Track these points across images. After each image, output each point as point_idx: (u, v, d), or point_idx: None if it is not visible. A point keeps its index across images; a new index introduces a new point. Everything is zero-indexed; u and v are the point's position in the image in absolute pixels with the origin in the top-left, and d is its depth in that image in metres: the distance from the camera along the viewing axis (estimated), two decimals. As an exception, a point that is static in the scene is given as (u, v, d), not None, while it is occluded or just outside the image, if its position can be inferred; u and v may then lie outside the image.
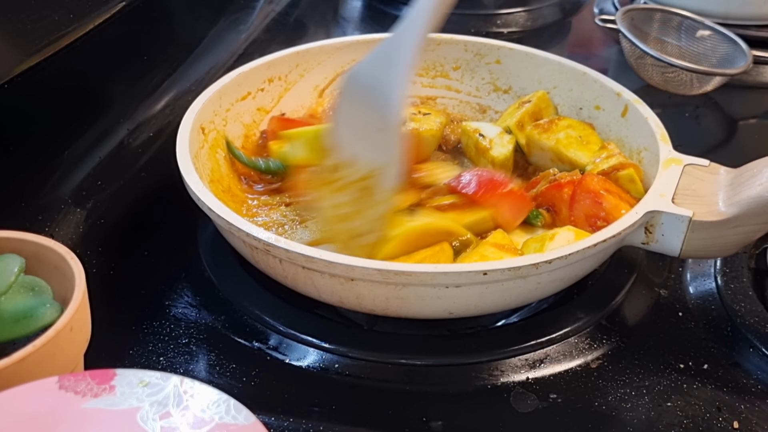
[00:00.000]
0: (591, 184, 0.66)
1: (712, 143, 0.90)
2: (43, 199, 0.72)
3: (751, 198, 0.58)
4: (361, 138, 0.64)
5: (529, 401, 0.56)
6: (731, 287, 0.66)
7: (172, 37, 0.98)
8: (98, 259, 0.67)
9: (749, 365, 0.59)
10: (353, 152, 0.64)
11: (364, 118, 0.64)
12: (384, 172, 0.62)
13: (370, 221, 0.63)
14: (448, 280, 0.55)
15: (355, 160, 0.64)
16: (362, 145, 0.64)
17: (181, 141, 0.67)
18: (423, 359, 0.59)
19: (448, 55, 0.86)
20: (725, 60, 0.95)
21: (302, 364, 0.59)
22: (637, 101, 0.74)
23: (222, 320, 0.62)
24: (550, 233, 0.64)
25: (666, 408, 0.56)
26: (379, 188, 0.63)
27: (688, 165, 0.65)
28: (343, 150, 0.65)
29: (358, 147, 0.64)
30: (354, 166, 0.64)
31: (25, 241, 0.50)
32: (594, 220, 0.65)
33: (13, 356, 0.42)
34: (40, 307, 0.46)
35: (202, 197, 0.61)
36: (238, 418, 0.39)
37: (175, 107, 0.89)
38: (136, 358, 0.58)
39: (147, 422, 0.38)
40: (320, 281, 0.58)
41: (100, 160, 0.79)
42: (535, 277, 0.57)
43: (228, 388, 0.56)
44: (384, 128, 0.62)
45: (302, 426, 0.54)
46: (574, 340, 0.61)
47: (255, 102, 0.80)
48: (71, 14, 0.76)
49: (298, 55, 0.83)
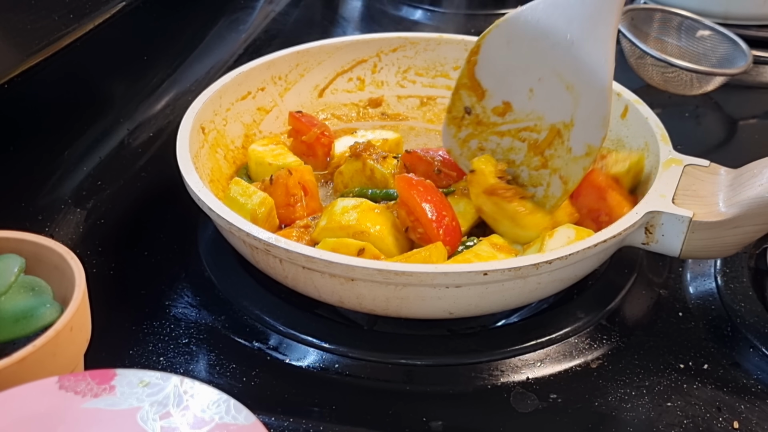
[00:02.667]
0: (598, 179, 0.66)
1: (712, 143, 0.90)
2: (43, 199, 0.72)
3: (751, 199, 0.58)
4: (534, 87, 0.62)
5: (529, 401, 0.56)
6: (731, 287, 0.66)
7: (172, 37, 0.98)
8: (98, 259, 0.67)
9: (749, 365, 0.59)
10: (518, 100, 0.63)
11: (537, 68, 0.62)
12: (572, 130, 0.61)
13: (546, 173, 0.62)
14: (449, 280, 0.55)
15: (522, 109, 0.63)
16: (537, 96, 0.62)
17: (181, 141, 0.67)
18: (423, 359, 0.59)
19: (449, 55, 0.86)
20: (725, 60, 0.95)
21: (302, 364, 0.59)
22: (637, 101, 0.74)
23: (222, 320, 0.62)
24: (550, 230, 0.64)
25: (666, 408, 0.56)
26: (562, 145, 0.61)
27: (688, 165, 0.65)
28: (501, 95, 0.63)
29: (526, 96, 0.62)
30: (519, 114, 0.63)
31: (25, 241, 0.50)
32: (597, 215, 0.65)
33: (13, 356, 0.42)
34: (40, 307, 0.46)
35: (202, 197, 0.61)
36: (238, 418, 0.39)
37: (175, 107, 0.89)
38: (136, 358, 0.58)
39: (147, 422, 0.38)
40: (320, 281, 0.58)
41: (100, 160, 0.79)
42: (536, 277, 0.57)
43: (228, 388, 0.56)
44: (579, 87, 0.60)
45: (302, 426, 0.54)
46: (574, 340, 0.61)
47: (255, 102, 0.80)
48: (71, 14, 0.77)
49: (298, 54, 0.83)
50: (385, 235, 0.63)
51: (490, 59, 0.66)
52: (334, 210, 0.64)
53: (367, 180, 0.72)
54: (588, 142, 0.62)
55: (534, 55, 0.63)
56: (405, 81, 0.87)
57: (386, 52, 0.86)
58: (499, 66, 0.65)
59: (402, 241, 0.64)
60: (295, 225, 0.67)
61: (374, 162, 0.71)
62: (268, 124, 0.81)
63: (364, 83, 0.87)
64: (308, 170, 0.70)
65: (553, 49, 0.61)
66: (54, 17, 0.74)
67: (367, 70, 0.86)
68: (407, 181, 0.64)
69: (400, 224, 0.64)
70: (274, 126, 0.81)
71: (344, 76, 0.86)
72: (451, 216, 0.64)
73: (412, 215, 0.63)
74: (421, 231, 0.63)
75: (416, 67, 0.87)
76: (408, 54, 0.87)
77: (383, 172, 0.71)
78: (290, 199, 0.67)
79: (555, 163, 0.64)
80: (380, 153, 0.73)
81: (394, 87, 0.87)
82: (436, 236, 0.62)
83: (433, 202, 0.63)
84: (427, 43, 0.86)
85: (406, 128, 0.86)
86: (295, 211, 0.67)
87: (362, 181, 0.72)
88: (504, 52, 0.64)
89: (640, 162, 0.69)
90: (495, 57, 0.65)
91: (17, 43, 0.71)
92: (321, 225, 0.64)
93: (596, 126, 0.61)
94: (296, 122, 0.77)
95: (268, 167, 0.71)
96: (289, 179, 0.67)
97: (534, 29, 0.62)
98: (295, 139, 0.77)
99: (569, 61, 0.61)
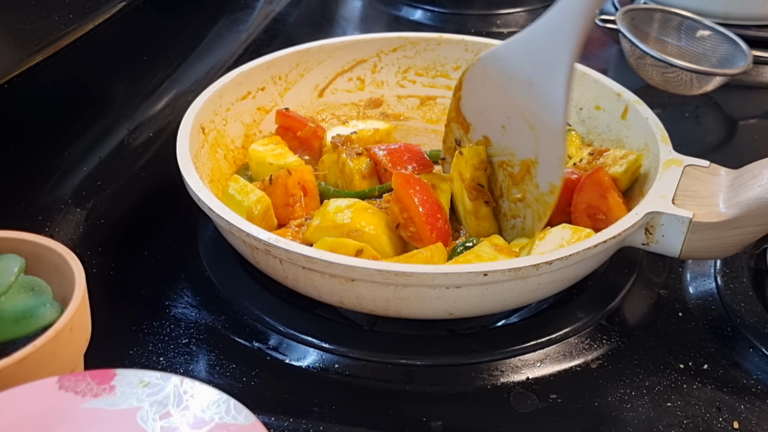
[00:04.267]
0: (603, 178, 0.66)
1: (712, 143, 0.90)
2: (43, 199, 0.72)
3: (751, 199, 0.58)
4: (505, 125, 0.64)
5: (529, 401, 0.56)
6: (731, 287, 0.66)
7: (172, 37, 0.98)
8: (98, 259, 0.67)
9: (749, 365, 0.59)
10: (493, 135, 0.66)
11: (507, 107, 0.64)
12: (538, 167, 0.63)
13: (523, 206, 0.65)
14: (449, 280, 0.55)
15: (499, 144, 0.66)
16: (508, 133, 0.64)
17: (181, 141, 0.67)
18: (423, 359, 0.59)
19: (449, 55, 0.86)
20: (725, 60, 0.95)
21: (302, 364, 0.59)
22: (637, 102, 0.74)
23: (222, 320, 0.62)
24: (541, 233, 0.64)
25: (666, 408, 0.56)
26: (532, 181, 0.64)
27: (688, 166, 0.65)
28: (481, 130, 0.66)
29: (501, 132, 0.65)
30: (497, 149, 0.66)
31: (25, 241, 0.50)
32: (595, 212, 0.65)
33: (13, 356, 0.42)
34: (40, 307, 0.46)
35: (202, 197, 0.61)
36: (238, 418, 0.39)
37: (175, 107, 0.89)
38: (136, 358, 0.58)
39: (147, 422, 0.38)
40: (320, 281, 0.58)
41: (100, 160, 0.79)
42: (536, 277, 0.57)
43: (228, 388, 0.56)
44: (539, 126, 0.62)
45: (302, 426, 0.54)
46: (574, 340, 0.61)
47: (255, 101, 0.80)
48: (71, 14, 0.76)
49: (298, 54, 0.83)
50: (379, 234, 0.63)
51: (470, 95, 0.69)
52: (327, 210, 0.64)
53: (339, 172, 0.73)
54: (550, 180, 0.64)
55: (502, 93, 0.65)
56: (405, 81, 0.87)
57: (386, 52, 0.86)
58: (477, 102, 0.68)
59: (395, 241, 0.64)
60: (290, 225, 0.67)
61: (347, 157, 0.72)
62: (268, 124, 0.81)
63: (364, 83, 0.87)
64: (308, 170, 0.70)
65: (517, 89, 0.64)
66: (54, 17, 0.74)
67: (367, 70, 0.86)
68: (405, 178, 0.64)
69: (391, 221, 0.64)
70: (274, 126, 0.81)
71: (344, 76, 0.86)
72: (444, 218, 0.64)
73: (405, 212, 0.63)
74: (412, 230, 0.63)
75: (416, 67, 0.87)
76: (408, 54, 0.87)
77: (351, 168, 0.72)
78: (289, 199, 0.67)
79: (528, 198, 0.66)
80: (356, 149, 0.73)
81: (394, 87, 0.87)
82: (428, 238, 0.62)
83: (428, 203, 0.63)
84: (427, 43, 0.86)
85: (406, 128, 0.86)
86: (294, 212, 0.67)
87: (336, 172, 0.74)
88: (480, 89, 0.67)
89: (638, 161, 0.69)
90: (473, 93, 0.68)
91: (17, 43, 0.71)
92: (314, 224, 0.64)
93: (554, 165, 0.63)
94: (287, 119, 0.77)
95: (269, 167, 0.71)
96: (289, 179, 0.67)
97: (502, 68, 0.65)
98: (284, 136, 0.77)
99: (530, 101, 0.63)
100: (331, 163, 0.74)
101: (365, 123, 0.81)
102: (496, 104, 0.66)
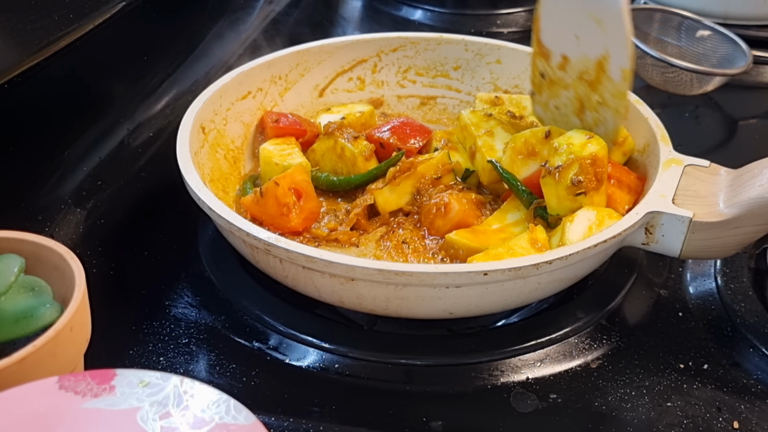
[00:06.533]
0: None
1: (712, 143, 0.90)
2: (43, 199, 0.72)
3: (751, 199, 0.58)
4: (578, 33, 0.68)
5: (529, 401, 0.56)
6: (731, 287, 0.66)
7: (172, 37, 0.98)
8: (98, 259, 0.67)
9: (749, 365, 0.59)
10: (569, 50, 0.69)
11: (576, 14, 0.67)
12: (609, 59, 0.66)
13: (603, 109, 0.68)
14: (449, 280, 0.55)
15: (575, 56, 0.69)
16: (581, 40, 0.68)
17: (181, 140, 0.67)
18: (423, 359, 0.59)
19: (449, 55, 0.86)
20: (725, 60, 0.95)
21: (302, 364, 0.59)
22: (637, 101, 0.74)
23: (222, 320, 0.62)
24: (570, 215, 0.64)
25: (666, 408, 0.56)
26: (606, 76, 0.67)
27: (688, 166, 0.65)
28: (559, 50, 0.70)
29: (575, 43, 0.68)
30: (574, 62, 0.69)
31: (25, 241, 0.50)
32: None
33: (13, 356, 0.42)
34: (40, 307, 0.46)
35: (202, 197, 0.61)
36: (238, 418, 0.39)
37: (175, 107, 0.89)
38: (136, 358, 0.58)
39: (147, 422, 0.38)
40: (320, 281, 0.58)
41: (100, 160, 0.79)
42: (536, 277, 0.57)
43: (228, 388, 0.56)
44: (604, 16, 0.65)
45: (302, 426, 0.54)
46: (574, 340, 0.61)
47: (255, 101, 0.80)
48: (71, 14, 0.76)
49: (298, 54, 0.83)
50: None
51: (546, 20, 0.71)
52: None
53: (337, 158, 0.74)
54: (621, 67, 0.66)
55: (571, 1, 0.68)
56: (405, 81, 0.87)
57: (386, 52, 0.86)
58: (553, 21, 0.71)
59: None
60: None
61: (345, 141, 0.73)
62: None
63: (364, 83, 0.87)
64: (299, 170, 0.69)
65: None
66: (54, 17, 0.74)
67: (367, 70, 0.86)
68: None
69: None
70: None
71: (344, 76, 0.86)
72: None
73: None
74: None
75: (416, 67, 0.87)
76: (408, 54, 0.87)
77: (353, 151, 0.72)
78: (282, 209, 0.67)
79: (606, 98, 0.68)
80: (352, 133, 0.74)
81: (394, 87, 0.87)
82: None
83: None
84: (427, 43, 0.86)
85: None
86: (290, 220, 0.67)
87: (333, 159, 0.74)
88: (552, 9, 0.70)
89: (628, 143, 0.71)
90: (548, 16, 0.71)
91: (17, 43, 0.71)
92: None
93: (622, 48, 0.65)
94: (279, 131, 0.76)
95: (275, 167, 0.71)
96: (278, 190, 0.67)
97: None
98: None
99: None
100: (326, 150, 0.74)
101: (346, 108, 0.82)
102: (567, 16, 0.69)
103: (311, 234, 0.68)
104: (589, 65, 0.68)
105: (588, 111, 0.70)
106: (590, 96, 0.69)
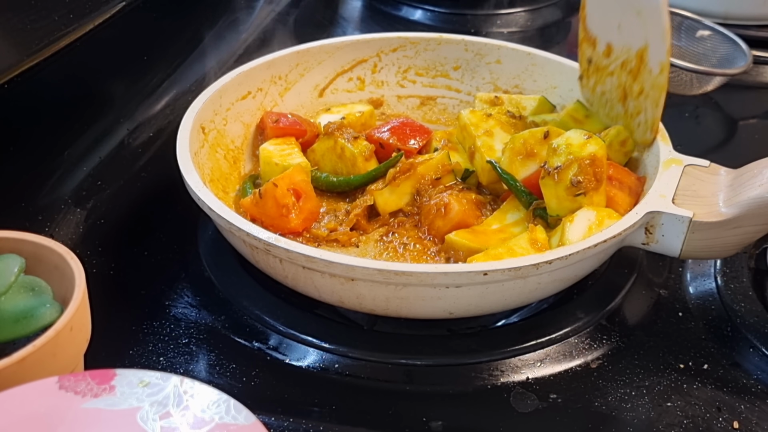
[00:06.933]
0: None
1: (712, 143, 0.90)
2: (43, 199, 0.72)
3: (751, 199, 0.58)
4: (621, 22, 0.70)
5: (529, 401, 0.56)
6: (731, 287, 0.66)
7: (172, 37, 0.98)
8: (98, 259, 0.67)
9: (749, 365, 0.59)
10: (613, 38, 0.71)
11: (619, 4, 0.69)
12: (649, 51, 0.67)
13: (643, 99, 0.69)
14: (449, 280, 0.55)
15: (618, 45, 0.71)
16: (624, 29, 0.69)
17: (181, 140, 0.67)
18: (423, 359, 0.59)
19: (449, 55, 0.86)
20: (725, 60, 0.95)
21: (302, 364, 0.59)
22: (638, 101, 0.74)
23: (222, 320, 0.62)
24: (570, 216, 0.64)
25: (666, 408, 0.56)
26: (646, 67, 0.68)
27: (688, 165, 0.65)
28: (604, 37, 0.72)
29: (618, 31, 0.70)
30: (618, 51, 0.71)
31: (25, 241, 0.50)
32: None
33: (13, 356, 0.42)
34: (40, 307, 0.46)
35: (202, 197, 0.61)
36: (238, 418, 0.39)
37: (175, 107, 0.89)
38: (136, 358, 0.58)
39: (147, 422, 0.38)
40: (320, 281, 0.58)
41: (100, 160, 0.79)
42: (536, 277, 0.57)
43: (228, 388, 0.56)
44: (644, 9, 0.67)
45: (302, 426, 0.54)
46: (574, 340, 0.61)
47: (255, 101, 0.80)
48: (71, 14, 0.77)
49: (299, 54, 0.83)
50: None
51: (592, 7, 0.74)
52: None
53: (337, 158, 0.74)
54: (659, 60, 0.67)
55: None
56: (405, 81, 0.87)
57: (386, 52, 0.86)
58: (598, 11, 0.73)
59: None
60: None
61: (345, 141, 0.73)
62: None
63: (364, 83, 0.87)
64: (298, 170, 0.69)
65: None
66: (54, 17, 0.74)
67: (367, 70, 0.86)
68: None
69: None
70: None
71: (344, 76, 0.86)
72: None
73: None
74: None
75: (416, 67, 0.87)
76: (408, 54, 0.87)
77: (353, 151, 0.72)
78: (282, 210, 0.67)
79: (645, 88, 0.69)
80: (351, 133, 0.74)
81: (394, 87, 0.87)
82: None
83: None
84: (427, 43, 0.86)
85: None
86: (290, 221, 0.67)
87: (333, 159, 0.74)
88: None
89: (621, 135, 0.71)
90: (594, 3, 0.73)
91: (17, 43, 0.71)
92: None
93: (660, 40, 0.66)
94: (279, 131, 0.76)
95: (275, 167, 0.71)
96: (276, 191, 0.66)
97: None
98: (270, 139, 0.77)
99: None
100: (326, 150, 0.74)
101: (346, 108, 0.82)
102: (612, 4, 0.70)
103: (311, 234, 0.68)
104: (630, 55, 0.69)
105: (630, 99, 0.71)
106: (632, 85, 0.70)
